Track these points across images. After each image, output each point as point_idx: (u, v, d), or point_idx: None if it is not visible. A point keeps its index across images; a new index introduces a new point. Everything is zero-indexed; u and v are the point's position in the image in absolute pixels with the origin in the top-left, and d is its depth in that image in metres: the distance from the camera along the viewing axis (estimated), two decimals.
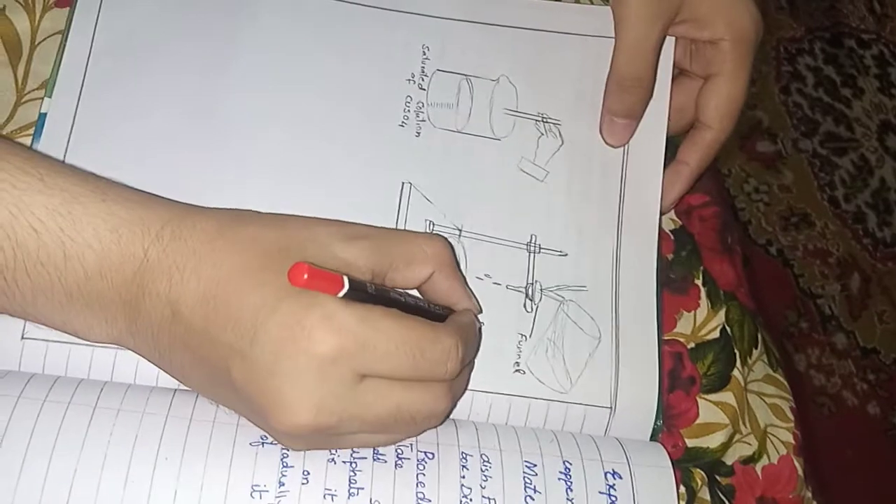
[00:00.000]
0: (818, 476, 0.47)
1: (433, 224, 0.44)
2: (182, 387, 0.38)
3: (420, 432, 0.38)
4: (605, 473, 0.39)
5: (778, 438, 0.46)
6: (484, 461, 0.38)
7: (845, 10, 1.61)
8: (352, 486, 0.36)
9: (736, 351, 0.47)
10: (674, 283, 0.47)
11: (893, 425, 1.32)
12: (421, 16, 0.48)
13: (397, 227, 0.43)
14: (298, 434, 0.33)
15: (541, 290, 0.44)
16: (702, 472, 0.44)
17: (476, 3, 0.48)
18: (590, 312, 0.44)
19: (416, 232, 0.43)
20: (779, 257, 1.40)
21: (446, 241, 0.40)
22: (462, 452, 0.38)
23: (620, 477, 0.39)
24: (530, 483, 0.38)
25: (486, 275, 0.44)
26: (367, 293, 0.34)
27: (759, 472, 0.45)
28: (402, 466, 0.37)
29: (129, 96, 0.43)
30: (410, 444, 0.38)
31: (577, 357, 0.43)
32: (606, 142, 0.47)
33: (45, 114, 0.42)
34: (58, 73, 0.43)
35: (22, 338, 0.39)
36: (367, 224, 0.39)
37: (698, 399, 0.45)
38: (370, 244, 0.36)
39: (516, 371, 0.42)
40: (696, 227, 0.49)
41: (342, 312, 0.33)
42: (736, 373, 0.46)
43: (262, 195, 0.42)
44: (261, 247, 0.35)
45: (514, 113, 0.47)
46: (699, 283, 0.48)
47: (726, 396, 0.45)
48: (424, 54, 0.47)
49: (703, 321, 0.47)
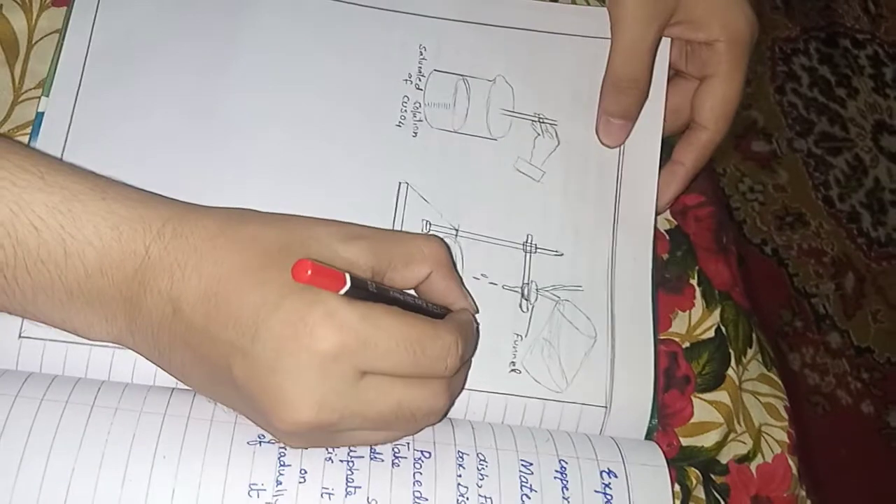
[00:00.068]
0: (812, 475, 0.47)
1: (430, 224, 0.44)
2: (180, 385, 0.38)
3: (419, 430, 0.38)
4: (601, 472, 0.39)
5: (772, 437, 0.46)
6: (480, 460, 0.38)
7: (840, 10, 1.61)
8: (349, 484, 0.36)
9: (730, 350, 0.47)
10: (669, 282, 0.47)
11: (887, 424, 1.32)
12: (418, 16, 0.48)
13: (394, 227, 0.43)
14: (299, 431, 0.33)
15: (537, 289, 0.44)
16: (697, 471, 0.44)
17: (473, 3, 0.49)
18: (585, 312, 0.44)
19: (414, 233, 0.43)
20: (773, 257, 1.40)
21: (443, 241, 0.40)
22: (458, 451, 0.38)
23: (616, 476, 0.39)
24: (526, 482, 0.38)
25: (483, 274, 0.44)
26: (368, 291, 0.34)
27: (754, 471, 0.45)
28: (398, 465, 0.37)
29: (127, 96, 0.43)
30: (407, 443, 0.38)
31: (573, 356, 0.43)
32: (602, 142, 0.47)
33: (43, 113, 0.43)
34: (55, 72, 0.43)
35: (19, 337, 0.39)
36: (365, 224, 0.39)
37: (693, 398, 0.45)
38: (370, 244, 0.36)
39: (512, 371, 0.43)
40: (691, 227, 0.49)
41: (344, 310, 0.33)
42: (730, 372, 0.46)
43: (261, 195, 0.42)
44: (262, 245, 0.35)
45: (511, 113, 0.47)
46: (694, 282, 0.48)
47: (721, 395, 0.45)
48: (421, 54, 0.47)
49: (698, 321, 0.47)
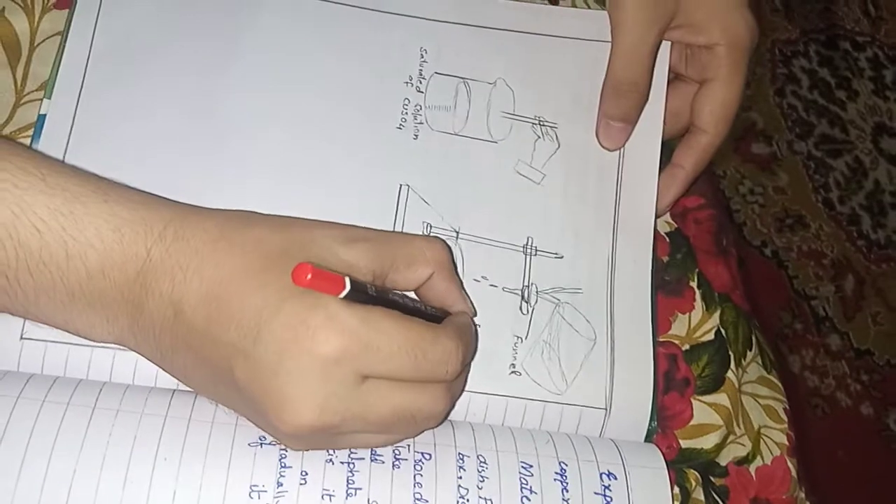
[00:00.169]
0: (812, 477, 0.47)
1: (430, 226, 0.44)
2: (181, 387, 0.38)
3: (419, 432, 0.38)
4: (601, 474, 0.39)
5: (772, 439, 0.46)
6: (481, 462, 0.38)
7: (840, 12, 1.61)
8: (350, 486, 0.36)
9: (730, 352, 0.47)
10: (669, 285, 0.47)
11: (887, 426, 1.32)
12: (419, 19, 0.48)
13: (395, 229, 0.44)
14: (301, 434, 0.34)
15: (537, 292, 0.44)
16: (696, 473, 0.44)
17: (474, 6, 0.49)
18: (585, 314, 0.44)
19: (415, 234, 0.43)
20: (773, 259, 1.40)
21: (445, 243, 0.40)
22: (459, 453, 0.39)
23: (615, 478, 0.39)
24: (526, 484, 0.38)
25: (483, 277, 0.44)
26: (368, 294, 0.34)
27: (753, 473, 0.45)
28: (399, 467, 0.37)
29: (129, 97, 0.43)
30: (408, 444, 0.38)
31: (573, 359, 0.43)
32: (602, 145, 0.47)
33: (45, 115, 0.43)
34: (57, 74, 0.43)
35: (21, 338, 0.39)
36: (366, 227, 0.39)
37: (693, 400, 0.45)
38: (371, 246, 0.37)
39: (512, 373, 0.43)
40: (691, 230, 0.50)
41: (345, 313, 0.33)
42: (730, 374, 0.46)
43: (261, 195, 0.42)
44: (263, 248, 0.35)
45: (511, 116, 0.47)
46: (694, 285, 0.48)
47: (720, 398, 0.46)
48: (422, 57, 0.47)
49: (698, 323, 0.47)
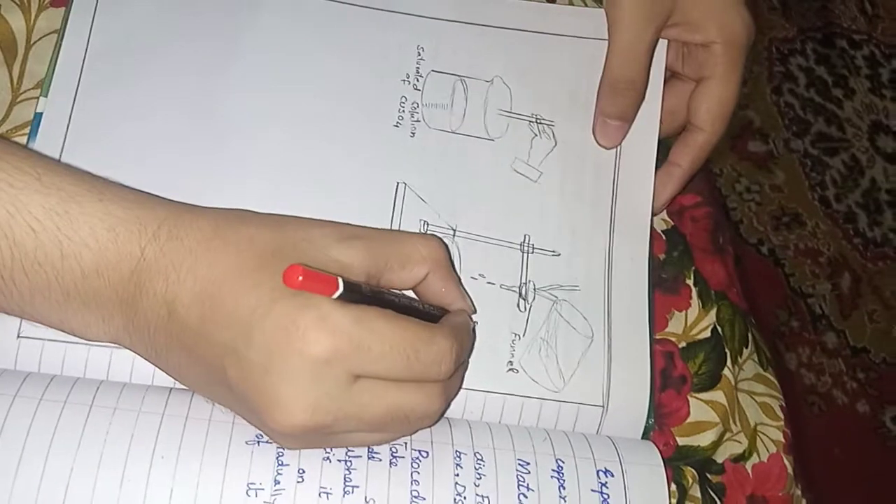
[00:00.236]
0: (808, 474, 0.48)
1: (427, 224, 0.44)
2: (178, 385, 0.38)
3: (414, 432, 0.38)
4: (598, 471, 0.39)
5: (768, 437, 0.46)
6: (477, 459, 0.39)
7: (837, 10, 1.62)
8: (347, 484, 0.36)
9: (727, 350, 0.47)
10: (665, 282, 0.48)
11: (882, 424, 1.33)
12: (416, 17, 0.48)
13: (392, 227, 0.44)
14: (293, 433, 0.33)
15: (534, 289, 0.44)
16: (693, 471, 0.44)
17: (471, 4, 0.49)
18: (582, 312, 0.44)
19: (411, 232, 0.43)
20: (770, 257, 1.40)
21: (441, 241, 0.40)
22: (456, 451, 0.39)
23: (612, 475, 0.39)
24: (523, 481, 0.38)
25: (480, 274, 0.44)
26: (362, 294, 0.34)
27: (750, 470, 0.45)
28: (396, 465, 0.37)
29: (126, 96, 0.43)
30: (405, 442, 0.38)
31: (570, 356, 0.43)
32: (599, 143, 0.47)
33: (41, 113, 0.43)
34: (53, 72, 0.43)
35: (18, 337, 0.39)
36: (362, 225, 0.39)
37: (689, 398, 0.45)
38: (365, 245, 0.37)
39: (510, 370, 0.43)
40: (687, 228, 0.50)
41: (336, 313, 0.33)
42: (727, 372, 0.46)
43: (260, 195, 0.42)
44: (256, 247, 0.35)
45: (508, 114, 0.47)
46: (690, 283, 0.48)
47: (717, 395, 0.46)
48: (419, 55, 0.47)
49: (695, 321, 0.47)
